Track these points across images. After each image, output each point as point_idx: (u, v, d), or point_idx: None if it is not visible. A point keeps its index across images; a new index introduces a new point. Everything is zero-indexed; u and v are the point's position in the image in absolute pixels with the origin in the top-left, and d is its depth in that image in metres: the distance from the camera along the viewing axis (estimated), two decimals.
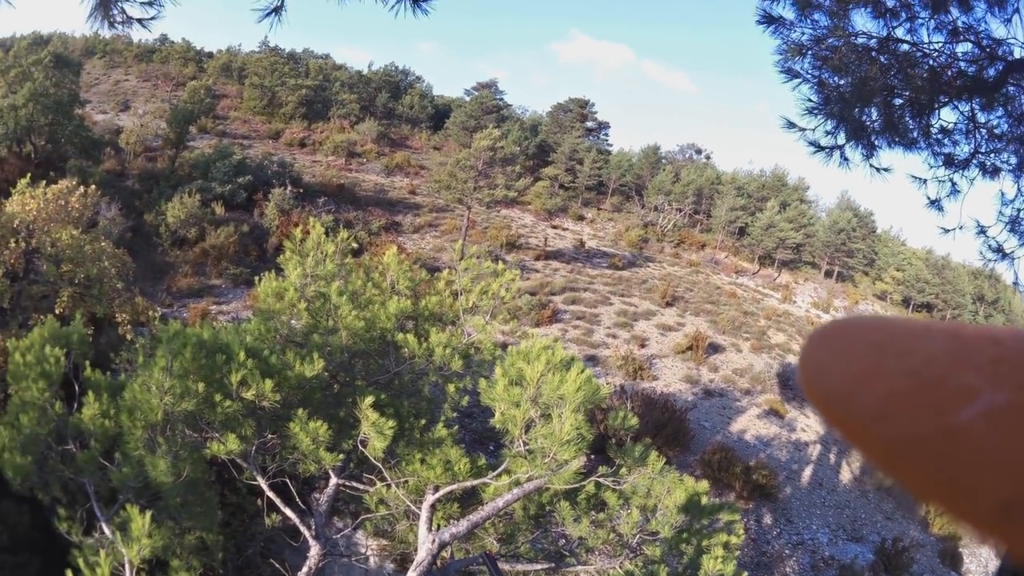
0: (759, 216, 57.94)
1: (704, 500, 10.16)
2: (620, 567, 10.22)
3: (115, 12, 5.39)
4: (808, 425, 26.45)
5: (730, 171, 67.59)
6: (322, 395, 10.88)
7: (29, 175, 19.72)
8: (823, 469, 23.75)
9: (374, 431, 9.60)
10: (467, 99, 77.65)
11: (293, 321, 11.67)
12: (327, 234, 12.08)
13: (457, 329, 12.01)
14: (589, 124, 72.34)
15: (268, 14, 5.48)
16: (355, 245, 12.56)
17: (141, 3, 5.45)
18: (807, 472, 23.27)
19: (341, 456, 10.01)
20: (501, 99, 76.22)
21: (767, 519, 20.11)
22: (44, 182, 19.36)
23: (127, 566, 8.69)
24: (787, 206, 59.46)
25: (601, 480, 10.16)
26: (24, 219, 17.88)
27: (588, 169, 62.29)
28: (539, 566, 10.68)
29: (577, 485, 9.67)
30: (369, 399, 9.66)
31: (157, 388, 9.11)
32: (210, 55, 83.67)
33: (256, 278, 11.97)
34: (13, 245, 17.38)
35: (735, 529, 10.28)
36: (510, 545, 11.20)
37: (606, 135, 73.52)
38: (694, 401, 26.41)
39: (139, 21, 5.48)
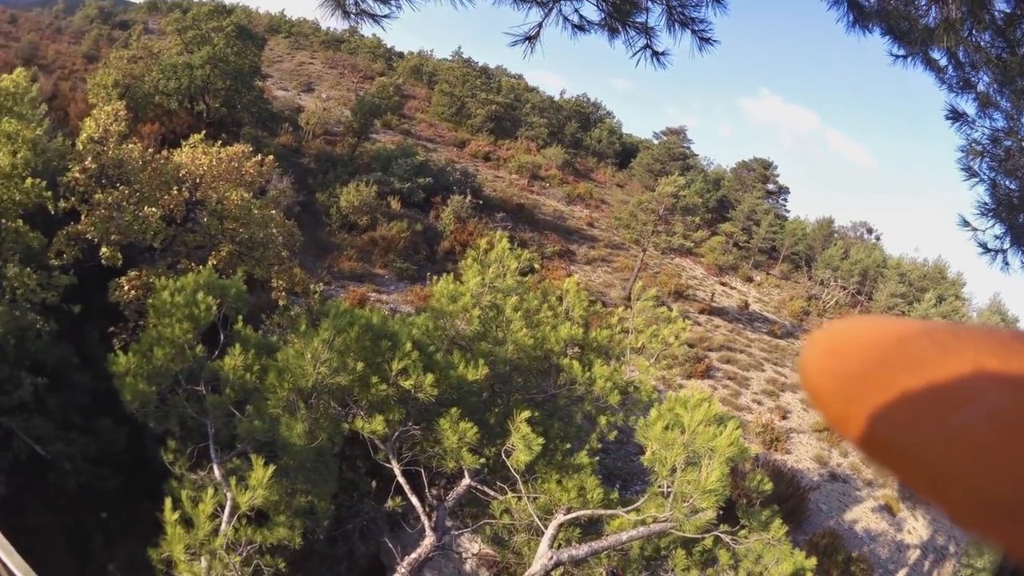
0: (916, 307, 56.29)
1: None
2: None
3: (350, 4, 5.39)
4: (915, 528, 25.82)
5: (896, 255, 65.42)
6: (476, 400, 11.35)
7: (203, 132, 20.70)
8: None
9: (522, 444, 9.88)
10: (655, 142, 77.60)
11: (462, 325, 12.19)
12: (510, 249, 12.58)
13: (620, 365, 12.32)
14: (770, 187, 71.37)
15: (522, 40, 5.59)
16: (537, 266, 13.10)
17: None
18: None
19: (481, 460, 10.30)
20: (688, 147, 75.91)
21: None
22: (219, 142, 20.21)
23: (227, 509, 9.08)
24: (943, 300, 57.48)
25: (722, 536, 10.14)
26: (192, 171, 18.66)
27: (763, 232, 61.32)
28: None
29: (699, 536, 9.73)
30: (525, 413, 9.98)
31: (313, 357, 9.51)
32: (400, 55, 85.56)
33: (429, 276, 12.30)
34: (175, 192, 18.15)
35: None
36: None
37: (784, 200, 72.30)
38: (819, 482, 26.13)
39: (373, 17, 5.46)
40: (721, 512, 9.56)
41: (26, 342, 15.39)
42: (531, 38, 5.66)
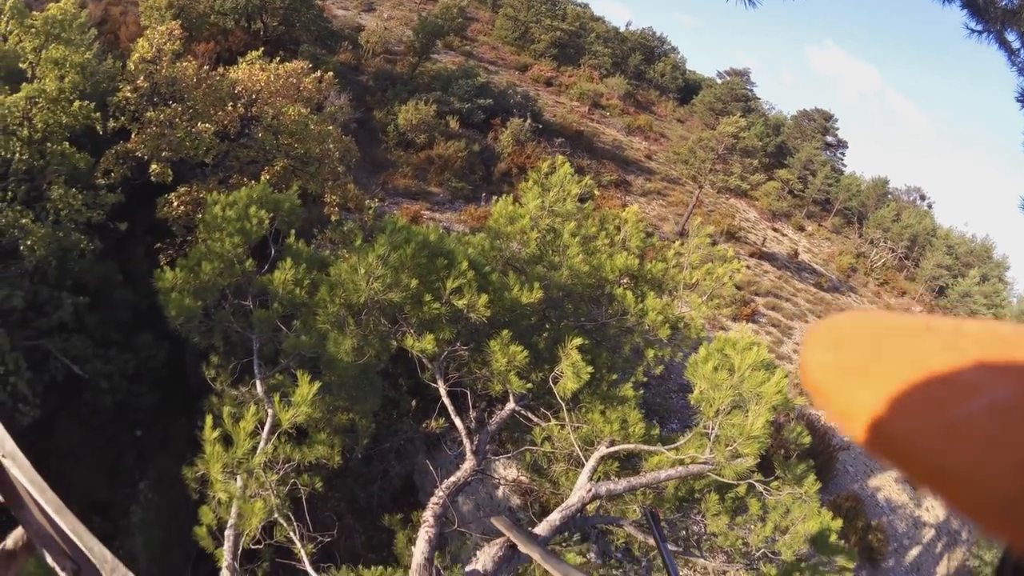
0: (960, 281, 55.42)
1: (833, 538, 10.13)
2: (734, 573, 10.34)
3: None
4: (932, 506, 25.68)
5: (945, 226, 64.25)
6: (527, 323, 11.31)
7: (261, 49, 20.84)
8: (926, 557, 23.12)
9: (571, 371, 9.85)
10: (718, 81, 76.56)
11: (518, 247, 12.12)
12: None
13: (672, 300, 12.26)
14: (829, 139, 70.31)
15: None
16: (598, 192, 12.98)
17: None
18: (913, 552, 22.69)
19: (528, 385, 10.26)
20: (751, 90, 74.81)
21: None
22: (278, 59, 20.28)
23: (267, 426, 9.12)
24: (986, 279, 56.51)
25: (756, 484, 10.16)
26: (248, 87, 18.72)
27: (819, 183, 60.54)
28: (670, 547, 10.87)
29: (734, 483, 9.76)
30: (577, 340, 9.96)
31: (367, 272, 9.51)
32: None
33: (485, 196, 12.23)
34: (230, 108, 18.24)
35: None
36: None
37: (842, 154, 71.27)
38: (848, 442, 26.05)
39: None
40: (757, 461, 9.43)
41: (68, 262, 15.61)
42: None
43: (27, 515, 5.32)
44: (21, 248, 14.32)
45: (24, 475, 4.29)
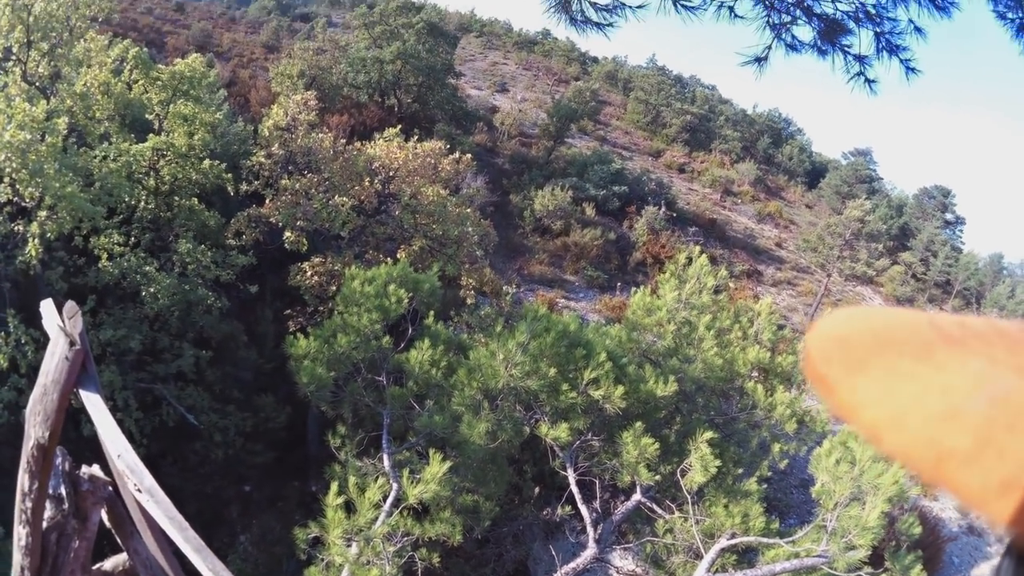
0: None
1: None
2: None
3: (576, 11, 5.58)
4: None
5: None
6: (660, 415, 11.58)
7: (398, 127, 21.33)
8: None
9: (700, 465, 10.12)
10: (843, 163, 76.00)
11: (653, 339, 12.43)
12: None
13: (801, 394, 12.37)
14: (948, 216, 68.89)
15: (753, 61, 5.89)
16: (732, 284, 13.20)
17: (600, 8, 5.58)
18: None
19: (656, 477, 10.56)
20: (874, 169, 74.06)
21: None
22: (415, 137, 20.79)
23: (391, 498, 9.48)
24: None
25: None
26: (386, 164, 19.28)
27: (940, 264, 59.18)
28: None
29: (846, 575, 9.70)
30: (708, 434, 10.25)
31: (506, 359, 9.90)
32: (594, 59, 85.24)
33: (619, 285, 12.45)
34: (367, 183, 18.75)
35: None
36: None
37: (960, 231, 69.71)
38: (957, 533, 25.35)
39: (597, 25, 5.62)
40: (869, 553, 9.49)
41: (193, 315, 16.25)
42: (760, 59, 5.94)
43: (136, 544, 5.78)
44: (143, 294, 14.96)
45: (163, 512, 4.47)
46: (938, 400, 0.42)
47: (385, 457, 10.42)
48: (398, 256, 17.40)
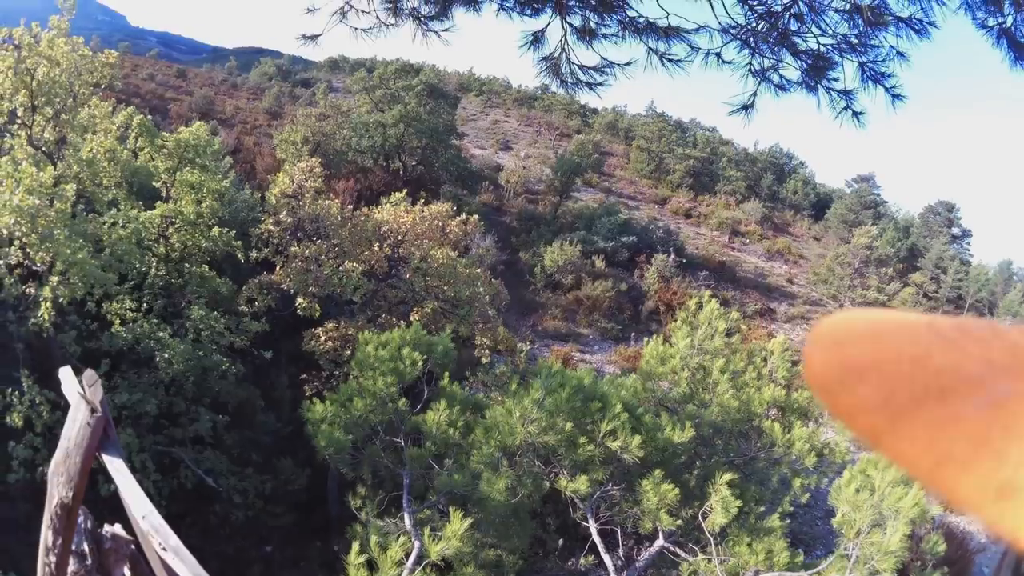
0: None
1: None
2: None
3: (565, 73, 5.81)
4: None
5: None
6: (679, 461, 11.66)
7: (405, 191, 21.72)
8: None
9: (720, 507, 10.22)
10: (847, 191, 76.09)
11: (668, 387, 12.54)
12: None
13: (819, 427, 12.49)
14: (954, 231, 68.71)
15: (740, 110, 6.08)
16: (744, 327, 13.30)
17: (587, 70, 5.79)
18: None
19: (678, 522, 10.62)
20: (878, 194, 74.06)
21: None
22: (422, 200, 21.13)
23: (413, 556, 9.49)
24: None
25: None
26: (394, 228, 19.52)
27: (950, 280, 58.94)
28: None
29: None
30: (727, 476, 10.37)
31: (523, 416, 10.07)
32: (594, 111, 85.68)
33: (634, 336, 12.58)
34: (376, 248, 18.99)
35: None
36: None
37: (967, 244, 69.45)
38: (985, 544, 25.11)
39: (589, 86, 5.86)
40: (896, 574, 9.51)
41: (208, 380, 16.30)
42: (747, 107, 6.12)
43: None
44: (157, 359, 15.06)
45: (190, 569, 4.54)
46: (937, 405, 0.43)
47: (406, 516, 10.47)
48: (411, 319, 17.63)
